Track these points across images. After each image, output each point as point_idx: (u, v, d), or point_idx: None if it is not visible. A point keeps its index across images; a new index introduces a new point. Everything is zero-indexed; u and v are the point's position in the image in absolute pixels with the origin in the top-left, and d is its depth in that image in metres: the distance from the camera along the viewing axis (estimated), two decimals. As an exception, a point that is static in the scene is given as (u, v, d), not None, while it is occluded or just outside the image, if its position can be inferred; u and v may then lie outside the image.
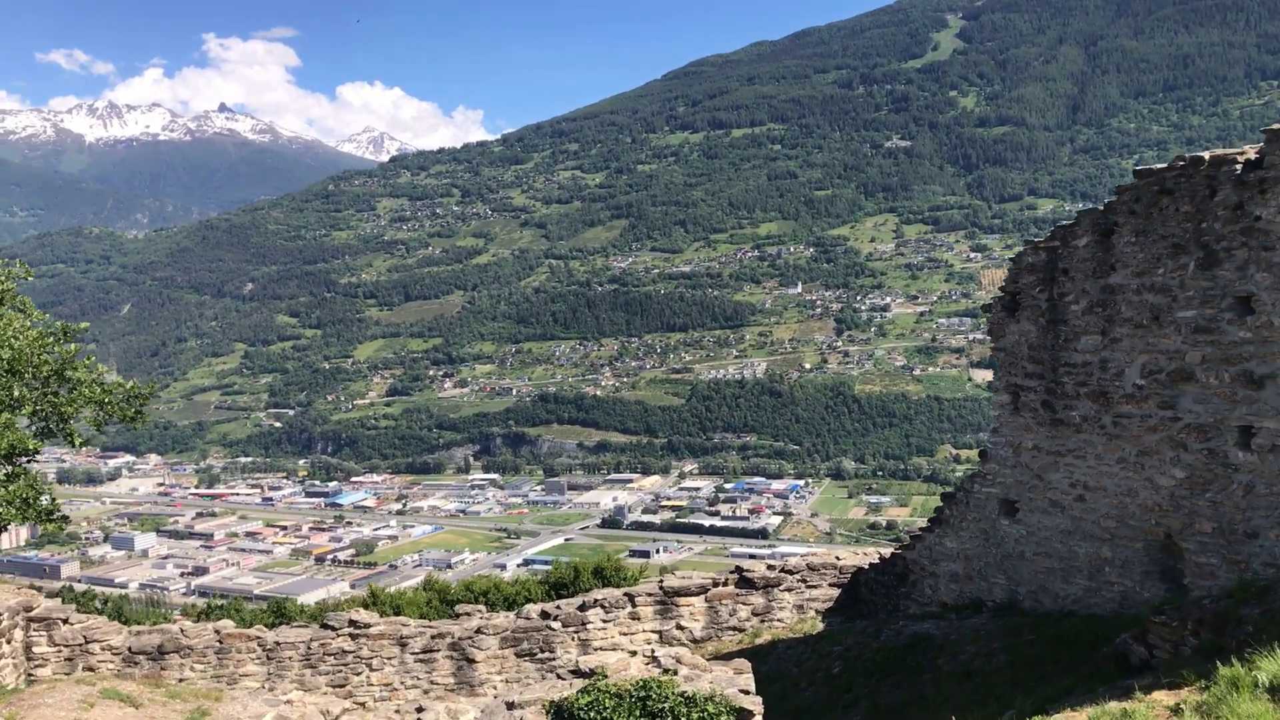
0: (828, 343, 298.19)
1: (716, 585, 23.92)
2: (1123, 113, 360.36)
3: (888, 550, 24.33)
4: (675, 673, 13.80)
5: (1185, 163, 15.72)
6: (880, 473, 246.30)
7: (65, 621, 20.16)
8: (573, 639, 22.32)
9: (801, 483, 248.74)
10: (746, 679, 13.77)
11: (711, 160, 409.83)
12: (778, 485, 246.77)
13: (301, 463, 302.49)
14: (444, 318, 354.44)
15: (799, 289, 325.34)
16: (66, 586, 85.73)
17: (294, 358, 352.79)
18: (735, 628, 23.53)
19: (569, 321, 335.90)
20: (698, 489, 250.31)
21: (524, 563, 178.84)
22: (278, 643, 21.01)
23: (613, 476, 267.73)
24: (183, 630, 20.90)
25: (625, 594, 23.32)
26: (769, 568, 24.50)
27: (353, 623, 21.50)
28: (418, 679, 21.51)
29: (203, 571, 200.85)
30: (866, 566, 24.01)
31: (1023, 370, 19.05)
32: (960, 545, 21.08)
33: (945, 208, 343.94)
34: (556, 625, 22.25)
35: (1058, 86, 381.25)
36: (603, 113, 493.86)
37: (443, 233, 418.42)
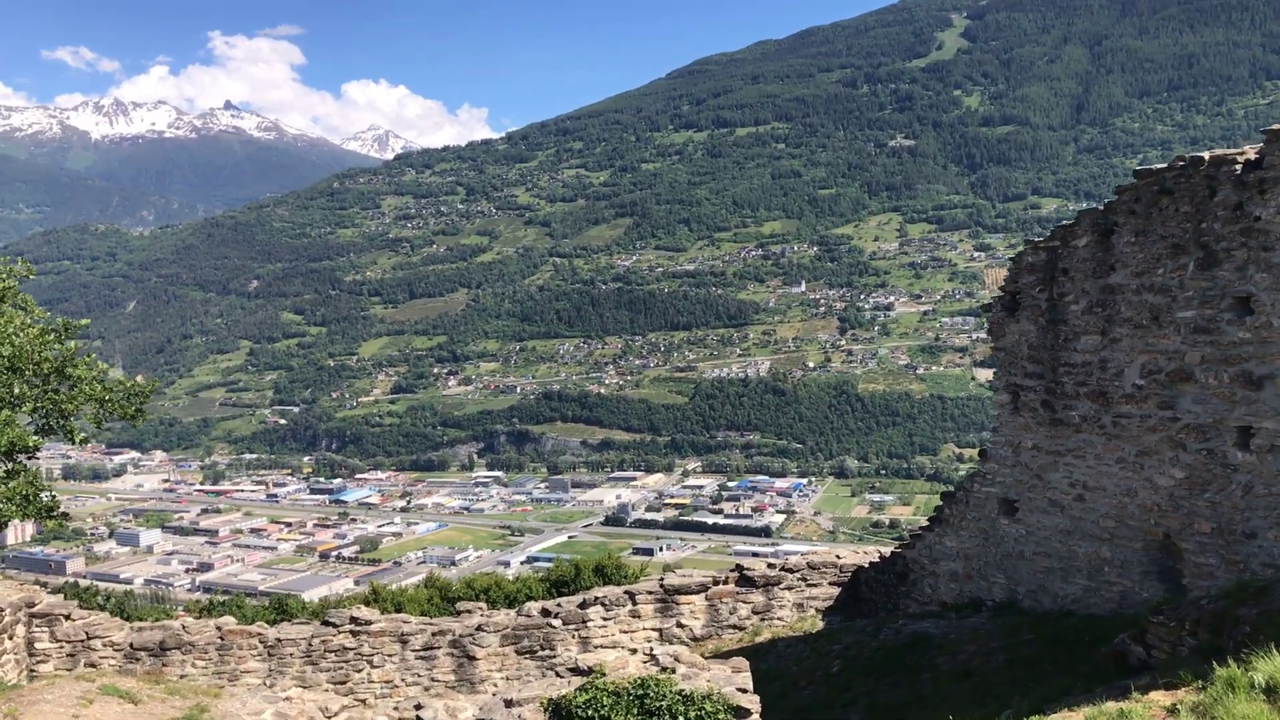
0: (831, 341, 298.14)
1: (717, 583, 23.90)
2: (1127, 112, 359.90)
3: (888, 549, 24.33)
4: (673, 671, 13.84)
5: (1185, 163, 15.72)
6: (883, 471, 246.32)
7: (67, 618, 20.20)
8: (573, 637, 22.31)
9: (804, 481, 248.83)
10: (744, 677, 13.81)
11: (716, 159, 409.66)
12: (781, 484, 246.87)
13: (306, 460, 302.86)
14: (448, 315, 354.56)
15: (803, 288, 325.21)
16: (71, 582, 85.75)
17: (299, 355, 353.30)
18: (735, 626, 23.53)
19: (573, 320, 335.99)
20: (701, 487, 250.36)
21: (528, 560, 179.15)
22: (279, 639, 21.02)
23: (616, 474, 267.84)
24: (184, 627, 20.92)
25: (626, 592, 23.30)
26: (769, 566, 24.48)
27: (354, 620, 21.52)
28: (419, 676, 21.51)
29: (207, 568, 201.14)
30: (867, 565, 24.00)
31: (1022, 370, 19.06)
32: (960, 544, 21.09)
33: (949, 207, 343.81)
34: (557, 623, 22.24)
35: (1062, 86, 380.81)
36: (607, 111, 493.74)
37: (447, 231, 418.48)
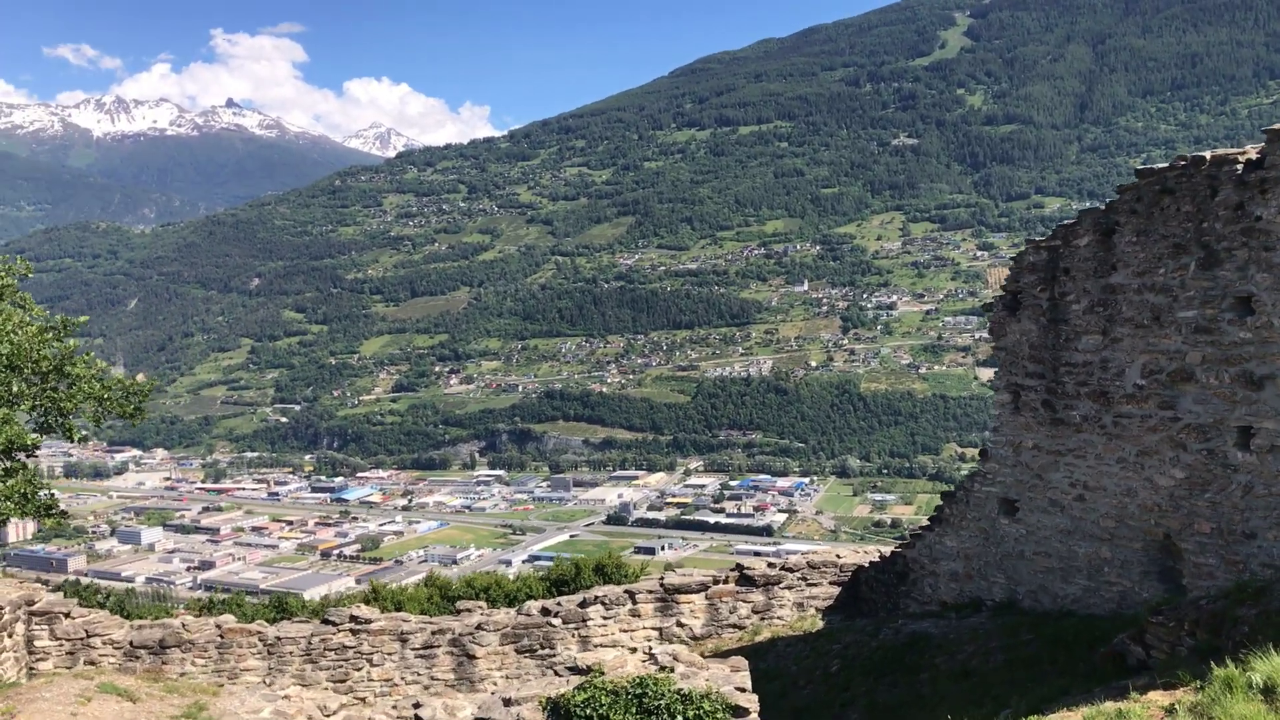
0: (834, 340, 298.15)
1: (717, 583, 23.88)
2: (1130, 111, 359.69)
3: (889, 548, 24.31)
4: (672, 670, 13.81)
5: (1186, 162, 15.69)
6: (885, 471, 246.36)
7: (67, 615, 20.20)
8: (573, 636, 22.29)
9: (806, 480, 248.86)
10: (743, 676, 13.79)
11: (718, 157, 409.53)
12: (783, 483, 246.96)
13: (307, 458, 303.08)
14: (450, 314, 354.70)
15: (805, 287, 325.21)
16: (73, 580, 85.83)
17: (300, 353, 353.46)
18: (735, 625, 23.52)
19: (575, 318, 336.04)
20: (703, 486, 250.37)
21: (529, 559, 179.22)
22: (279, 638, 21.01)
23: (618, 473, 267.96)
24: (184, 625, 20.91)
25: (626, 591, 23.29)
26: (769, 565, 24.46)
27: (354, 618, 21.51)
28: (418, 675, 21.49)
29: (209, 566, 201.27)
30: (867, 565, 23.98)
31: (1023, 369, 19.04)
32: (960, 544, 21.07)
33: (952, 206, 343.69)
34: (557, 622, 22.22)
35: (1065, 85, 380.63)
36: (610, 109, 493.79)
37: (449, 229, 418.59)
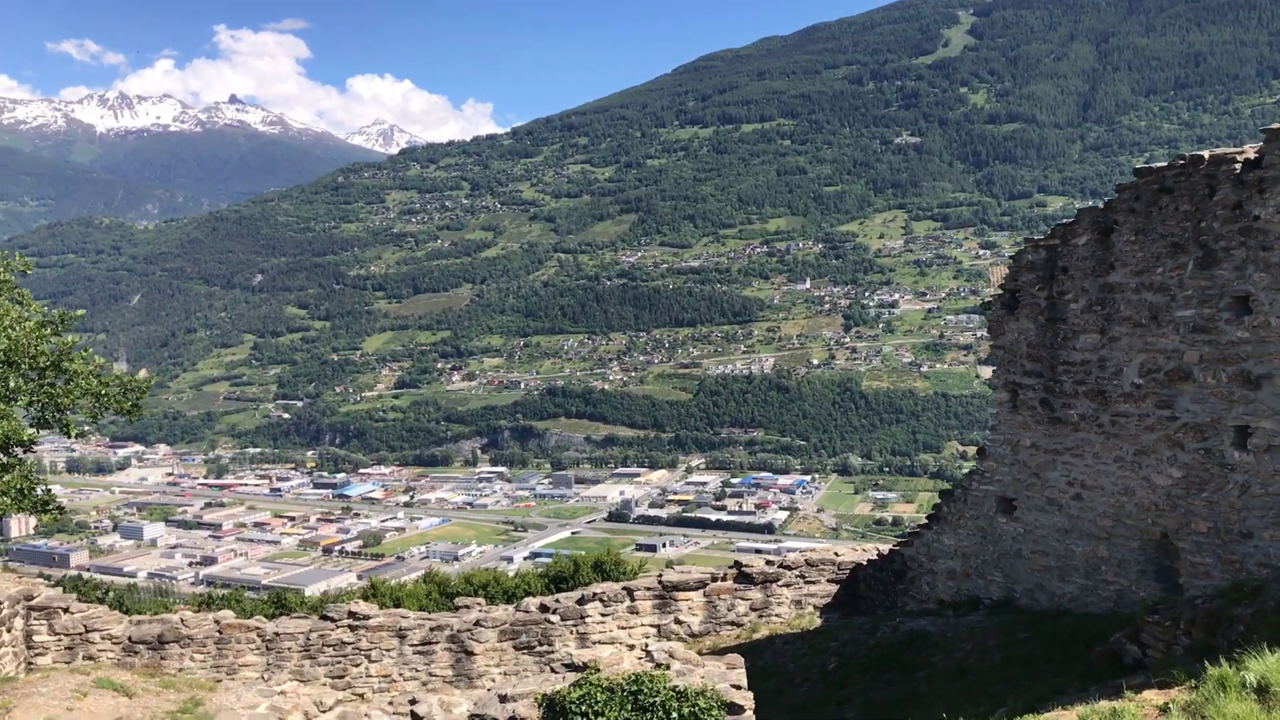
0: (835, 339, 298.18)
1: (715, 580, 23.89)
2: (1134, 110, 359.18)
3: (887, 547, 24.32)
4: (667, 667, 13.83)
5: (1185, 161, 15.68)
6: (887, 469, 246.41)
7: (66, 610, 20.23)
8: (571, 632, 22.32)
9: (808, 478, 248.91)
10: (738, 674, 13.81)
11: (721, 155, 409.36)
12: (784, 480, 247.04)
13: (309, 454, 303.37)
14: (452, 310, 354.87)
15: (807, 285, 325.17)
16: (76, 575, 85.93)
17: (303, 349, 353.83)
18: (733, 622, 23.54)
19: (577, 315, 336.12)
20: (704, 483, 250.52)
21: (530, 556, 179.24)
22: (277, 633, 21.05)
23: (620, 470, 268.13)
24: (183, 620, 20.93)
25: (624, 588, 23.31)
26: (768, 563, 24.47)
27: (352, 614, 21.54)
28: (416, 671, 21.53)
29: (211, 561, 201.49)
30: (865, 563, 23.99)
31: (1021, 368, 19.04)
32: (958, 543, 21.08)
33: (954, 204, 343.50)
34: (555, 619, 22.25)
35: (1069, 84, 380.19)
36: (612, 107, 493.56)
37: (452, 225, 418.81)
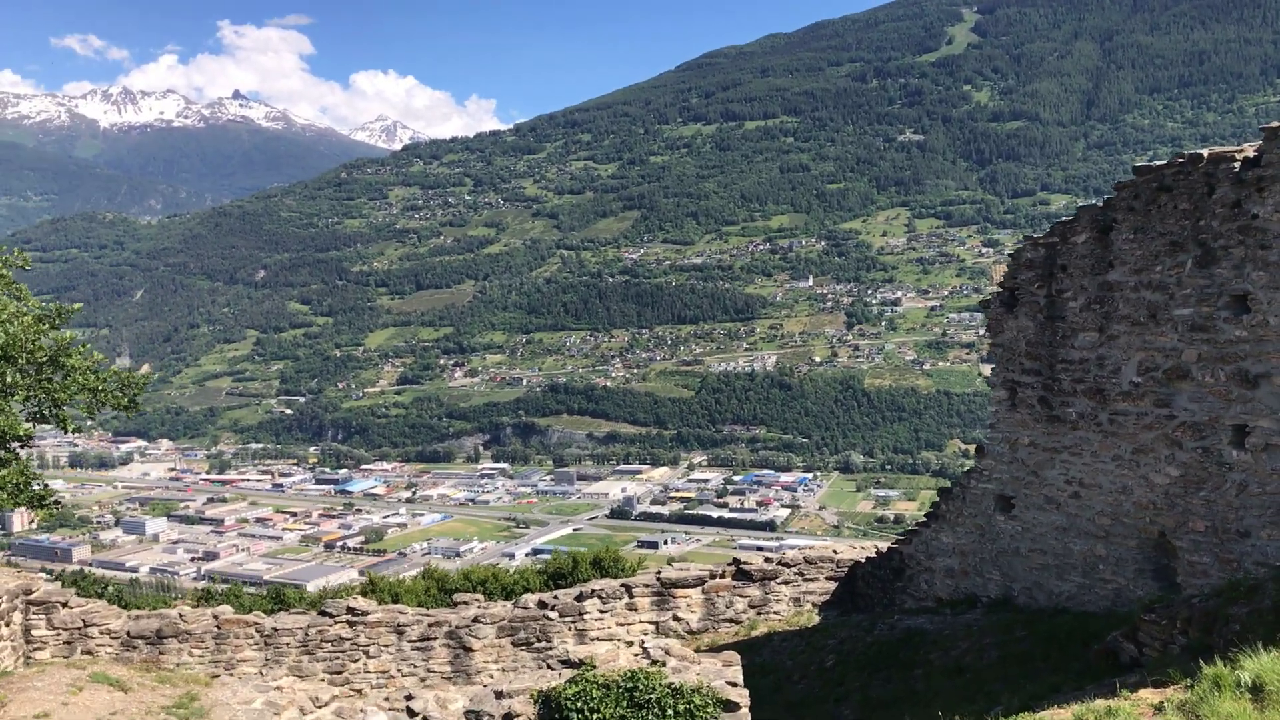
0: (838, 336, 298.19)
1: (714, 577, 23.87)
2: (1137, 109, 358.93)
3: (886, 544, 24.31)
4: (663, 664, 13.84)
5: (1184, 160, 15.65)
6: (889, 467, 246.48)
7: (64, 605, 20.21)
8: (569, 629, 22.32)
9: (810, 476, 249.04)
10: (735, 671, 13.81)
11: (724, 152, 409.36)
12: (786, 478, 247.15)
13: (312, 450, 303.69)
14: (455, 307, 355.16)
15: (810, 282, 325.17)
16: (78, 570, 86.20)
17: (305, 345, 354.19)
18: (732, 620, 23.54)
19: (580, 312, 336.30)
20: (706, 481, 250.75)
21: (532, 552, 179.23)
22: (275, 629, 21.04)
23: (622, 467, 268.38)
24: (181, 615, 20.92)
25: (623, 585, 23.31)
26: (766, 560, 24.46)
27: (350, 610, 21.53)
28: (414, 667, 21.52)
29: (213, 557, 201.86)
30: (863, 560, 23.99)
31: (1020, 366, 19.01)
32: (956, 540, 21.07)
33: (957, 202, 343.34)
34: (553, 615, 22.24)
35: (1072, 82, 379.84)
36: (616, 103, 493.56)
37: (454, 222, 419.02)
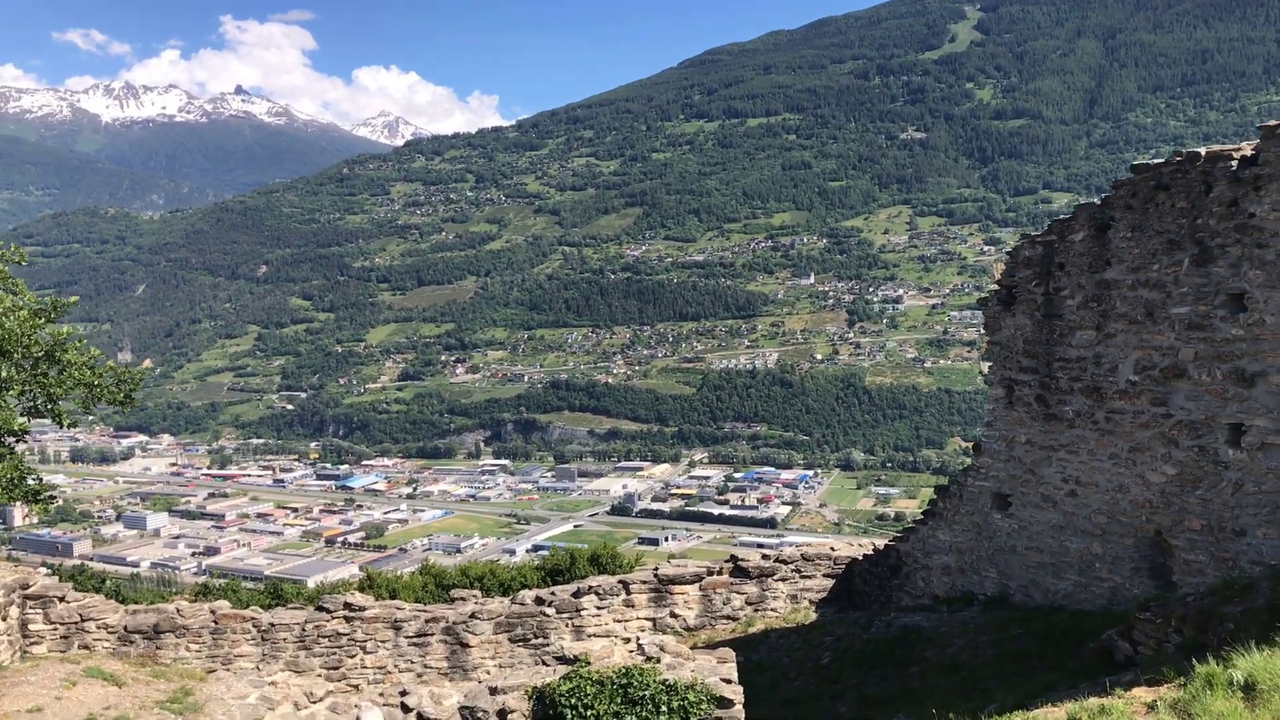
0: (839, 334, 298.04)
1: (711, 574, 23.87)
2: (1140, 107, 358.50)
3: (883, 542, 24.32)
4: (658, 661, 13.85)
5: (1182, 158, 15.65)
6: (889, 464, 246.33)
7: (61, 600, 20.24)
8: (567, 625, 22.32)
9: (810, 473, 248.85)
10: (729, 668, 13.82)
11: (726, 149, 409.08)
12: (787, 475, 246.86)
13: (313, 445, 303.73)
14: (456, 303, 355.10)
15: (811, 280, 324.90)
16: (79, 564, 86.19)
17: (307, 341, 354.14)
18: (729, 616, 23.54)
19: (581, 309, 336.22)
20: (707, 478, 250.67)
21: (533, 548, 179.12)
22: (272, 624, 21.05)
23: (623, 464, 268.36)
24: (179, 610, 20.95)
25: (620, 581, 23.31)
26: (763, 557, 24.46)
27: (347, 605, 21.55)
28: (411, 663, 21.53)
29: (214, 552, 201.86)
30: (860, 558, 24.00)
31: (1017, 364, 19.02)
32: (953, 538, 21.07)
33: (959, 200, 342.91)
34: (551, 611, 22.24)
35: (1075, 80, 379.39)
36: (618, 100, 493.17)
37: (456, 218, 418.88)
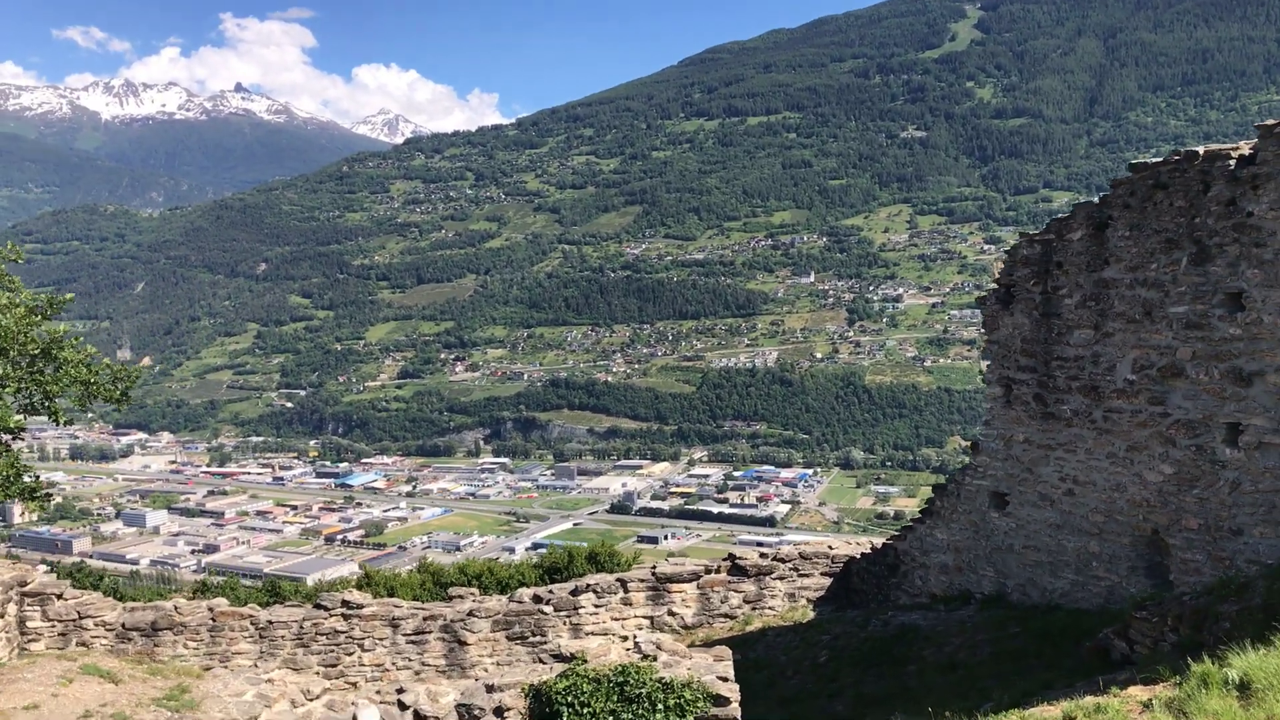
0: (839, 332, 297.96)
1: (709, 572, 23.88)
2: (1140, 106, 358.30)
3: (881, 540, 24.32)
4: (655, 659, 13.86)
5: (1180, 157, 15.64)
6: (889, 463, 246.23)
7: (59, 597, 20.23)
8: (564, 623, 22.32)
9: (810, 472, 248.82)
10: (725, 666, 13.83)
11: (726, 148, 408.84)
12: (786, 474, 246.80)
13: (312, 443, 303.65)
14: (456, 301, 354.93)
15: (811, 278, 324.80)
16: (78, 562, 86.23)
17: (306, 338, 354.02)
18: (727, 615, 23.54)
19: (581, 307, 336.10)
20: (707, 476, 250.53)
21: (532, 546, 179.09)
22: (270, 622, 21.05)
23: (622, 462, 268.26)
24: (176, 608, 20.93)
25: (618, 579, 23.32)
26: (761, 555, 24.47)
27: (345, 603, 21.55)
28: (409, 660, 21.52)
29: (213, 549, 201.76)
30: (858, 556, 24.00)
31: (1015, 363, 19.02)
32: (950, 537, 21.08)
33: (960, 199, 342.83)
34: (548, 609, 22.24)
35: (1075, 79, 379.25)
36: (618, 98, 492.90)
37: (456, 216, 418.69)
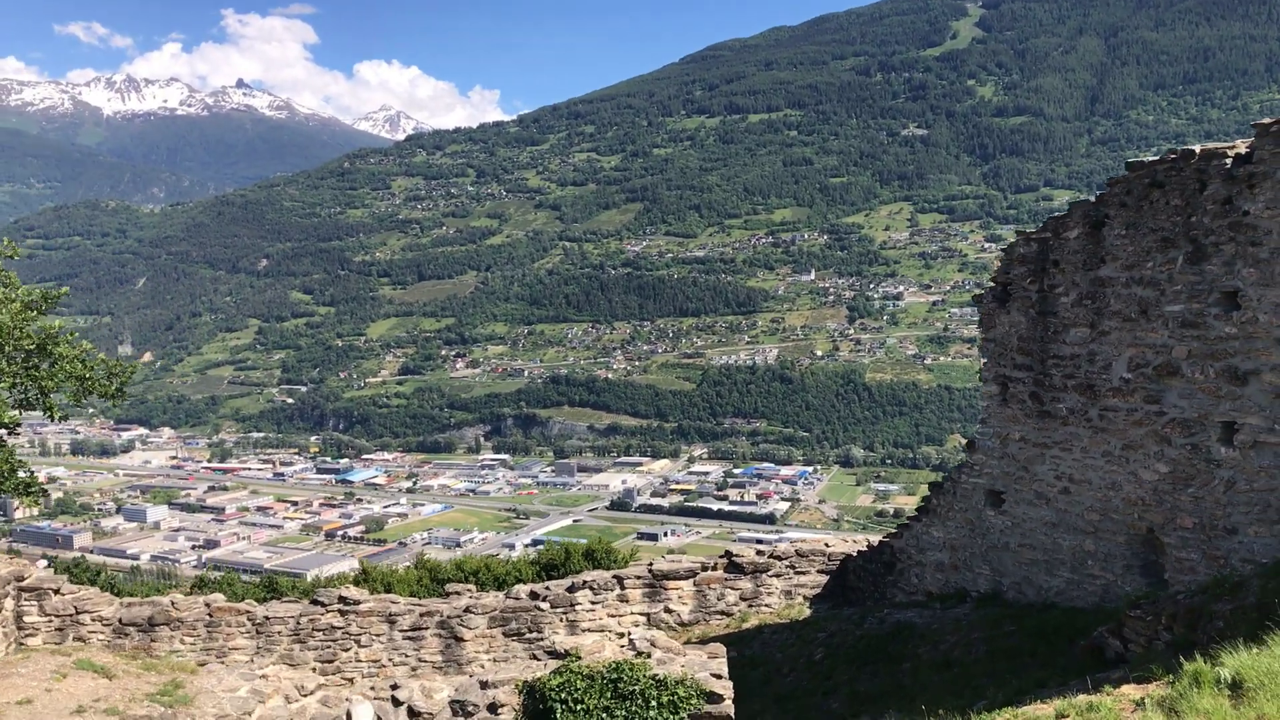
0: (840, 330, 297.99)
1: (706, 569, 23.90)
2: (1141, 105, 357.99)
3: (877, 538, 24.33)
4: (649, 656, 13.87)
5: (1176, 156, 15.63)
6: (889, 461, 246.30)
7: (56, 592, 20.24)
8: (561, 620, 22.34)
9: (810, 469, 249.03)
10: (719, 663, 13.84)
11: (727, 145, 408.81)
12: (786, 471, 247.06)
13: (313, 439, 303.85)
14: (457, 298, 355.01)
15: (812, 276, 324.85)
16: (78, 557, 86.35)
17: (307, 334, 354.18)
18: (723, 612, 23.56)
19: (582, 304, 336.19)
20: (707, 473, 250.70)
21: (532, 543, 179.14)
22: (267, 617, 21.06)
23: (622, 459, 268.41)
24: (173, 603, 20.94)
25: (614, 576, 23.33)
26: (758, 553, 24.49)
27: (342, 599, 21.56)
28: (406, 656, 21.53)
29: (213, 545, 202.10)
30: (855, 554, 24.01)
31: (1012, 361, 19.02)
32: (946, 535, 21.10)
33: (960, 197, 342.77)
34: (545, 606, 22.25)
35: (1077, 77, 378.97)
36: (619, 95, 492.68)
37: (457, 213, 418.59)
